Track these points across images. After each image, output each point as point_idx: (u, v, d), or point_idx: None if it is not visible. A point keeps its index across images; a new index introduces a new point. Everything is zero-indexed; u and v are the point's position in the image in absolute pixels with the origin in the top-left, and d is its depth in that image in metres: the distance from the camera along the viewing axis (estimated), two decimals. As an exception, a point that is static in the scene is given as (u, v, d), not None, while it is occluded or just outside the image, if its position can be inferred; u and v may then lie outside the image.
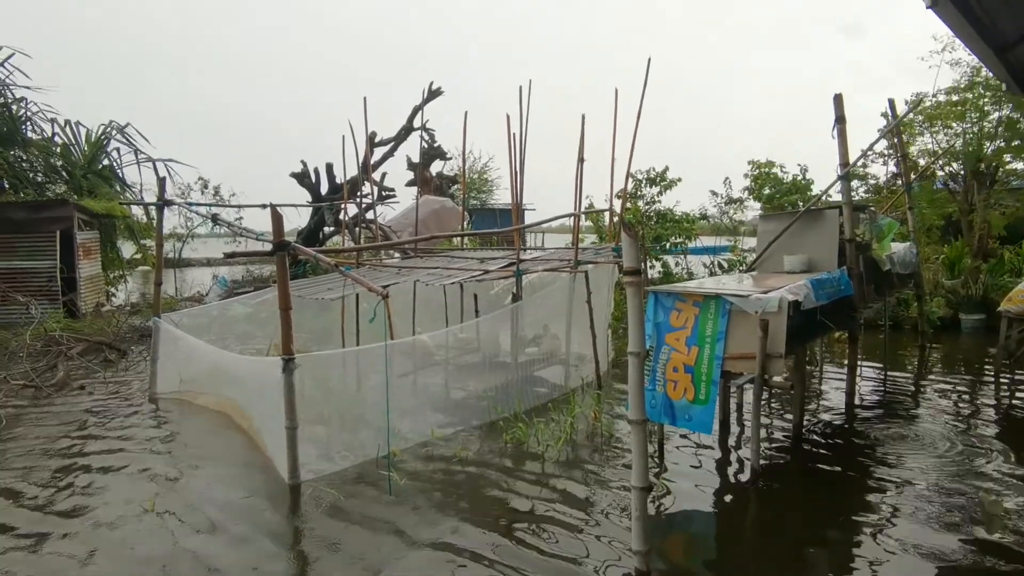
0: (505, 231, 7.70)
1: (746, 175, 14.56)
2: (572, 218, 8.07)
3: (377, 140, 17.51)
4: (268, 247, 4.94)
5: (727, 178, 15.66)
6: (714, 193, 15.87)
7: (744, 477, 5.18)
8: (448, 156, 23.07)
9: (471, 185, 33.10)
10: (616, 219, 9.67)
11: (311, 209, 16.01)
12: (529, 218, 28.95)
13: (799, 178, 13.78)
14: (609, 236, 9.65)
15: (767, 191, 14.08)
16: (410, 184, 25.12)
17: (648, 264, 12.79)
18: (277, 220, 4.89)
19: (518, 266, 7.31)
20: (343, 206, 10.55)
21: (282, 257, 4.88)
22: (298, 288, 7.34)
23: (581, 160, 7.71)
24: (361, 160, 9.88)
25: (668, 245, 13.84)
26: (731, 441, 6.02)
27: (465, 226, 16.86)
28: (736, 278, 6.80)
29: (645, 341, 3.51)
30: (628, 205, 13.22)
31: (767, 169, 14.32)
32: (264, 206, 8.33)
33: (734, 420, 6.52)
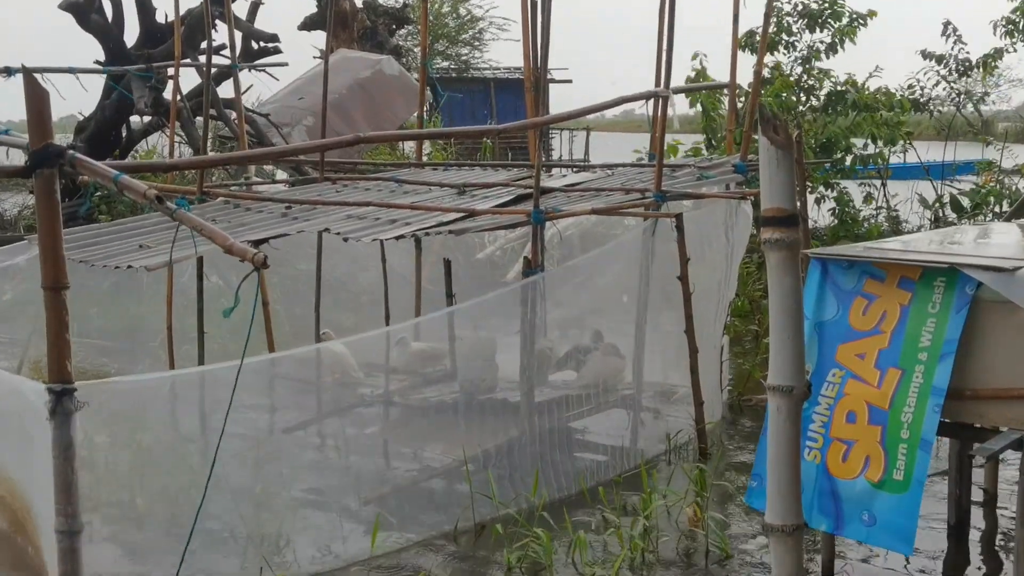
0: (509, 129, 7.72)
1: None
2: (651, 101, 8.07)
3: (242, -67, 17.42)
4: (18, 159, 4.96)
5: (948, 22, 15.32)
6: (931, 56, 15.58)
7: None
8: (389, -32, 22.95)
9: (437, 29, 33.10)
10: (744, 103, 9.66)
11: (105, 78, 15.99)
12: (558, 101, 29.00)
13: None
14: (729, 141, 9.65)
15: None
16: (308, 26, 25.04)
17: (809, 197, 12.80)
18: (37, 102, 4.89)
19: (537, 201, 7.33)
20: (171, 72, 10.54)
21: (48, 180, 4.89)
22: (82, 245, 7.37)
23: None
24: (209, -24, 9.83)
25: (850, 160, 13.83)
26: (973, 567, 6.05)
27: (428, 120, 16.80)
28: (983, 231, 6.76)
29: (804, 363, 3.53)
30: (767, 71, 13.16)
31: None
32: (8, 72, 8.35)
33: (978, 521, 6.55)
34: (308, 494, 6.70)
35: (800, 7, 13.81)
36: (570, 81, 28.89)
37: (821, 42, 13.82)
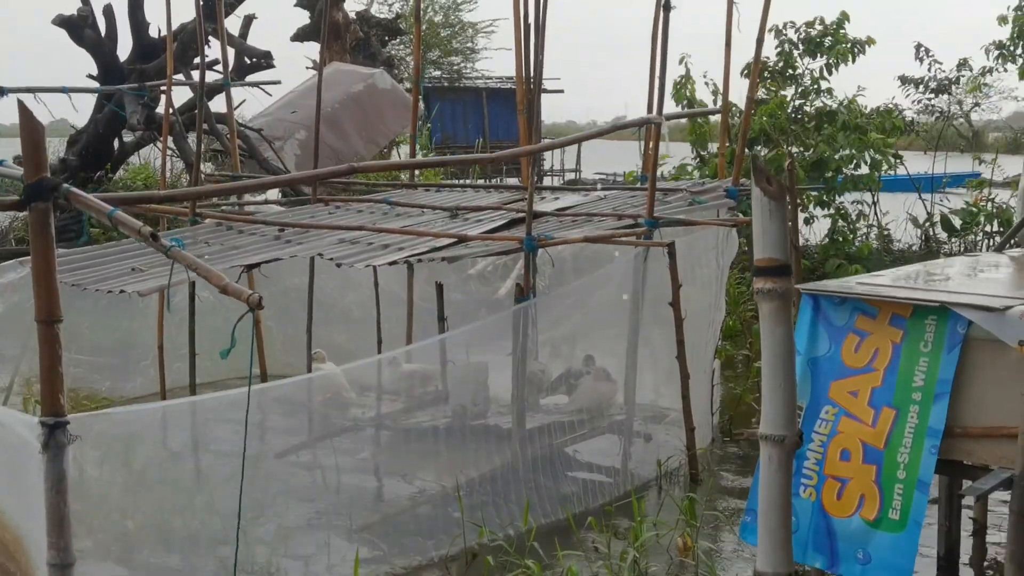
0: (502, 158, 7.72)
1: (1002, 18, 14.45)
2: (646, 128, 8.10)
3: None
4: (9, 190, 4.94)
5: (919, 44, 15.51)
6: (908, 82, 15.73)
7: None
8: (383, -20, 22.94)
9: (429, 39, 33.07)
10: (736, 127, 9.66)
11: (97, 96, 15.97)
12: (552, 110, 28.83)
13: None
14: (721, 165, 9.68)
15: None
16: (301, 37, 24.99)
17: (801, 216, 12.81)
18: (32, 134, 4.86)
19: (530, 228, 7.33)
20: (164, 88, 10.51)
21: (43, 214, 4.87)
22: (74, 269, 7.36)
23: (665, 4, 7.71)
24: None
25: (841, 178, 13.87)
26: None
27: (420, 132, 16.71)
28: (973, 264, 6.76)
29: (796, 413, 3.52)
30: (763, 92, 13.22)
31: None
32: (1, 92, 8.32)
33: (966, 558, 6.57)
34: (297, 519, 6.67)
35: (802, 34, 13.85)
36: (562, 91, 28.93)
37: (821, 68, 13.89)
